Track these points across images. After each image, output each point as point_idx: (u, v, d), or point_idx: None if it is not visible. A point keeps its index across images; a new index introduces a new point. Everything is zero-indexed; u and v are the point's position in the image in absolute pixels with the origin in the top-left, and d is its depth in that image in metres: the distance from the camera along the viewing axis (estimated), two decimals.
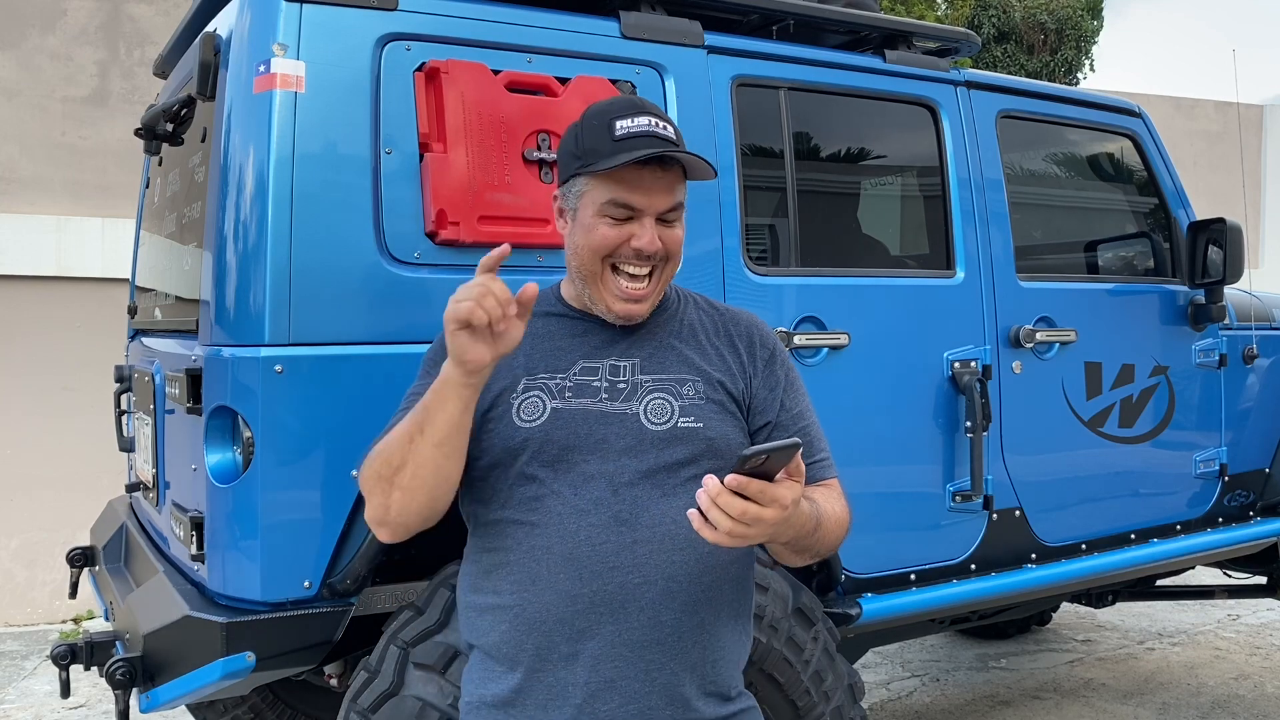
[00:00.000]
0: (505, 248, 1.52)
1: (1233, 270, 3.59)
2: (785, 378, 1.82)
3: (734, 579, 1.74)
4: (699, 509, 1.43)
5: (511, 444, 1.68)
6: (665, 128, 1.70)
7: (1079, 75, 13.40)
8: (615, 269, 1.71)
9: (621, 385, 1.71)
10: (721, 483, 1.41)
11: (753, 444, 1.74)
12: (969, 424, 3.06)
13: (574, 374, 1.72)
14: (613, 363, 1.73)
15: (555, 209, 1.80)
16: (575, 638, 1.63)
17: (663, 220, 1.70)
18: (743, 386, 1.78)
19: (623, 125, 1.68)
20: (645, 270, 1.71)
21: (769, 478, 1.44)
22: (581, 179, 1.71)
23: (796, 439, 1.45)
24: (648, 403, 1.70)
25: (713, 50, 2.79)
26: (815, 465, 1.77)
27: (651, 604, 1.64)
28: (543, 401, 1.69)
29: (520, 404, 1.70)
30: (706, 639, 1.69)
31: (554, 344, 1.76)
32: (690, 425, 1.70)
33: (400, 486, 1.60)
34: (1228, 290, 3.74)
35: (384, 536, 1.69)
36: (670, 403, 1.71)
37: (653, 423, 1.69)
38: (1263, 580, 4.32)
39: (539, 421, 1.68)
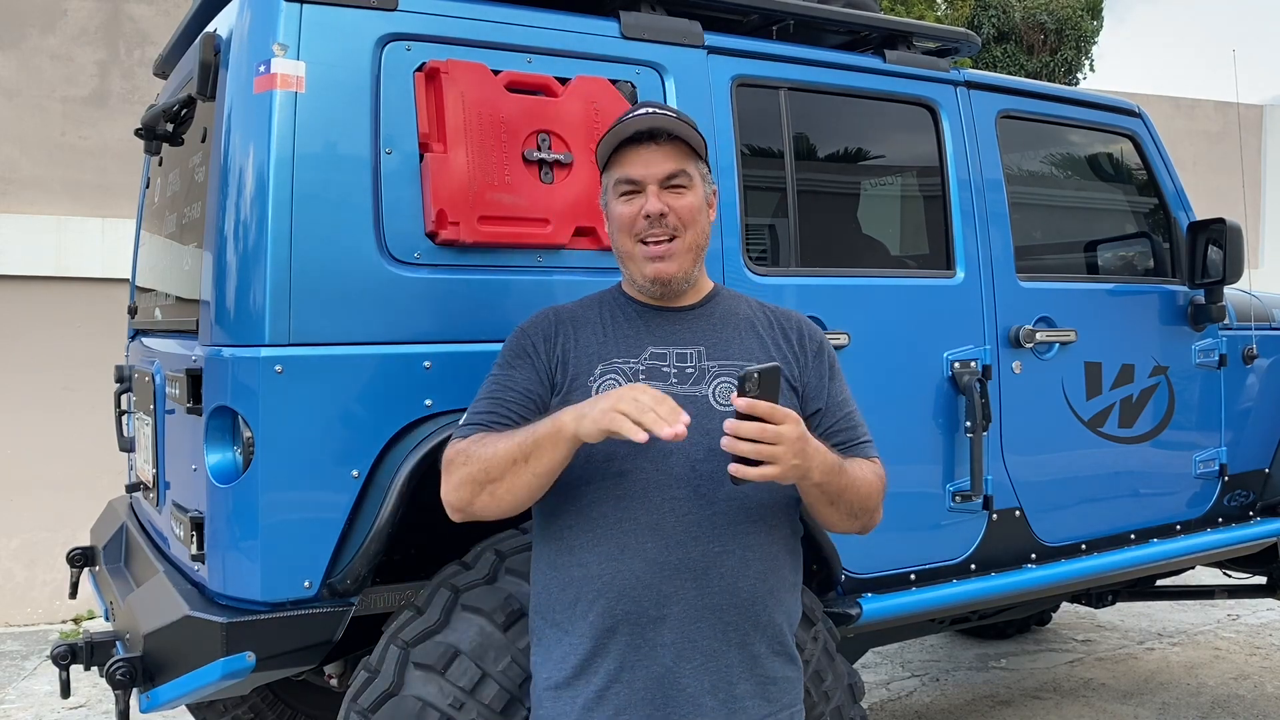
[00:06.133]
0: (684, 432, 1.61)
1: (1232, 270, 3.58)
2: (830, 368, 2.01)
3: (791, 551, 1.94)
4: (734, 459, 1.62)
5: None
6: (664, 113, 1.92)
7: (1079, 75, 13.41)
8: (643, 244, 1.90)
9: (690, 370, 1.90)
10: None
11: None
12: (969, 424, 3.06)
13: (645, 359, 1.91)
14: (679, 350, 1.92)
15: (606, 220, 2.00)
16: (661, 602, 1.79)
17: (670, 189, 1.89)
18: (797, 373, 1.96)
19: (626, 120, 1.91)
20: (663, 236, 1.89)
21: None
22: (603, 177, 1.96)
23: (776, 362, 1.69)
24: (715, 386, 1.88)
25: (713, 50, 2.79)
26: (860, 446, 1.96)
27: (731, 571, 1.81)
28: (619, 384, 1.85)
29: (599, 386, 1.86)
30: (774, 604, 1.87)
31: (622, 332, 1.94)
32: None
33: (492, 493, 1.77)
34: (1227, 290, 3.74)
35: (455, 518, 1.86)
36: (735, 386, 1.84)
37: (720, 404, 1.85)
38: (1263, 580, 4.32)
39: None
